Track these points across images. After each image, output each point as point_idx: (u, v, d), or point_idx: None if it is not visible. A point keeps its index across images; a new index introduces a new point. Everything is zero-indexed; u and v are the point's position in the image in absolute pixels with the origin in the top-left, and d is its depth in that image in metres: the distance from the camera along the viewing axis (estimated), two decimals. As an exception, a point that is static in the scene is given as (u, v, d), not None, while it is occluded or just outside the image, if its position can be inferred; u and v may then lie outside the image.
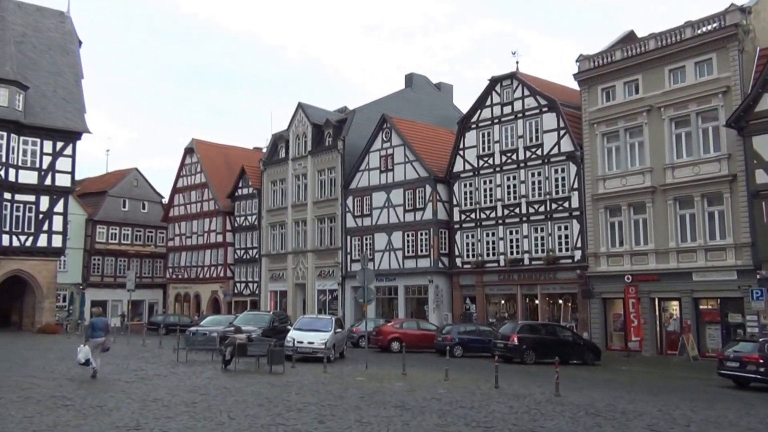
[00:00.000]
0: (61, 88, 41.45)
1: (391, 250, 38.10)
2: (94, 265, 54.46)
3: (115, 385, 15.24)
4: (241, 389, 15.11)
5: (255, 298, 47.25)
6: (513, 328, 26.80)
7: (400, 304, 37.75)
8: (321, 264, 42.50)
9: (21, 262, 38.15)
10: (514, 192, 33.63)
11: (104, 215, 55.29)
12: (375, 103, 43.39)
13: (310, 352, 22.74)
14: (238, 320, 27.40)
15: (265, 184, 47.38)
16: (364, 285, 22.28)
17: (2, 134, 36.81)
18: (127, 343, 29.76)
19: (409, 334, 30.19)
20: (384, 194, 38.93)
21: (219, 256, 50.96)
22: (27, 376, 16.64)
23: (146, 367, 19.78)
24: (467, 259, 35.47)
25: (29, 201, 38.33)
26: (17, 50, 39.66)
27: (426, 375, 19.42)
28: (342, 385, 16.53)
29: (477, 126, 35.62)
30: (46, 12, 44.55)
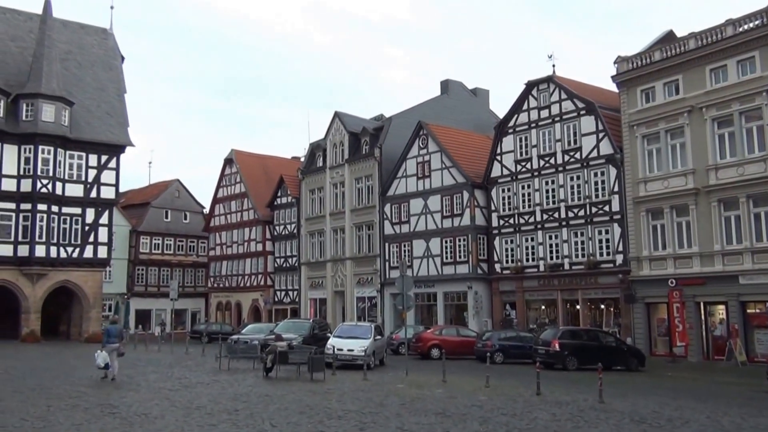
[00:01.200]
0: (105, 103, 42.56)
1: (430, 257, 38.04)
2: (138, 275, 55.57)
3: (160, 393, 15.53)
4: (282, 397, 15.25)
5: (295, 306, 47.62)
6: (554, 333, 26.48)
7: (440, 311, 37.64)
8: (359, 271, 42.64)
9: (68, 273, 39.18)
10: (552, 196, 33.31)
11: (147, 226, 56.40)
12: (411, 110, 43.45)
13: (350, 360, 22.79)
14: (279, 328, 27.65)
15: (304, 193, 47.78)
16: (403, 292, 22.29)
17: (50, 149, 37.97)
18: (170, 352, 30.28)
19: (448, 340, 30.06)
20: (421, 201, 38.92)
21: (259, 265, 51.53)
22: (75, 384, 17.06)
23: (189, 375, 20.09)
24: (506, 265, 35.21)
25: (76, 213, 39.39)
26: (62, 67, 40.84)
27: (466, 382, 19.31)
28: (382, 392, 16.55)
29: (514, 130, 35.40)
30: (90, 29, 45.83)
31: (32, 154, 37.54)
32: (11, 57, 40.17)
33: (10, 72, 38.91)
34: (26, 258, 37.24)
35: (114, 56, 45.58)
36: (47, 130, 37.67)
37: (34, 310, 37.88)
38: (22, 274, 37.60)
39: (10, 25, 41.67)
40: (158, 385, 17.25)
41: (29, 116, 37.63)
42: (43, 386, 16.45)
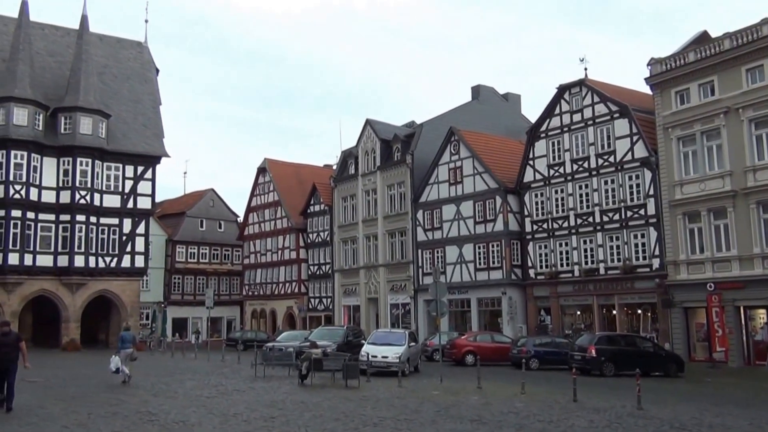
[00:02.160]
0: (141, 115, 43.42)
1: (463, 263, 37.90)
2: (174, 284, 56.33)
3: (197, 400, 15.73)
4: (317, 404, 15.32)
5: (329, 313, 47.81)
6: (590, 339, 26.15)
7: (474, 317, 37.46)
8: (393, 278, 42.66)
9: (107, 283, 39.96)
10: (586, 201, 32.97)
11: (183, 235, 57.18)
12: (442, 116, 43.42)
13: (384, 366, 22.79)
14: (313, 335, 27.81)
15: (336, 201, 48.01)
16: (436, 298, 22.25)
17: (87, 161, 38.84)
18: (207, 360, 30.65)
19: (483, 346, 29.88)
20: (454, 207, 38.83)
21: (293, 273, 51.88)
22: (114, 392, 17.37)
23: (226, 382, 20.31)
24: (540, 270, 34.92)
25: (113, 224, 40.19)
26: (99, 80, 41.78)
27: (502, 388, 19.18)
28: (417, 399, 16.53)
29: (546, 135, 35.15)
30: (126, 43, 46.83)
31: (71, 166, 38.46)
32: (50, 71, 41.22)
33: (48, 86, 39.93)
34: (66, 268, 38.09)
35: (149, 69, 46.49)
36: (85, 143, 38.57)
37: (74, 320, 38.69)
38: (62, 284, 38.45)
39: (48, 41, 42.77)
40: (195, 392, 17.48)
41: (68, 129, 38.56)
42: (83, 394, 16.78)
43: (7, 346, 13.26)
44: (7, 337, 13.48)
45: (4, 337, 13.48)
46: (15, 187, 36.55)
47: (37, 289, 37.90)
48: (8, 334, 13.66)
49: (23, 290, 37.36)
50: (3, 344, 13.27)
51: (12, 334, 13.83)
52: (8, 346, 13.29)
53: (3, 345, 13.25)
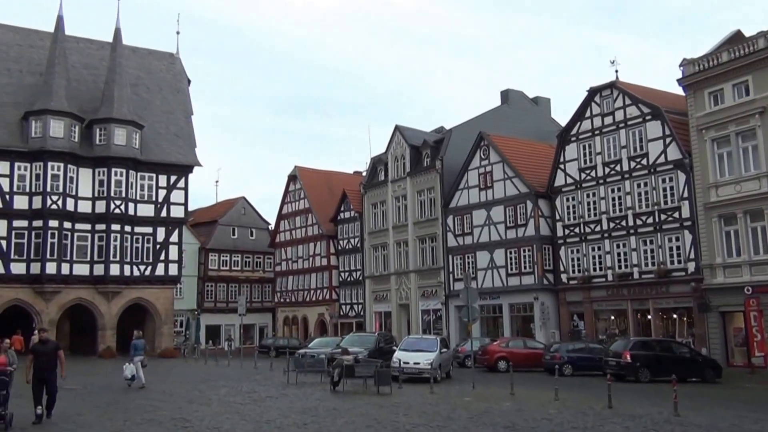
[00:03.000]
0: (173, 125, 44.09)
1: (494, 268, 37.68)
2: (207, 291, 56.93)
3: (231, 407, 15.86)
4: (349, 410, 15.34)
5: (360, 320, 47.87)
6: (625, 344, 25.77)
7: (506, 323, 37.19)
8: (424, 284, 42.58)
9: (141, 291, 40.57)
10: (619, 204, 32.56)
11: (215, 243, 57.79)
12: (471, 121, 43.28)
13: (416, 373, 22.74)
14: (345, 342, 27.85)
15: (366, 207, 48.11)
16: (468, 304, 22.14)
17: (122, 171, 39.53)
18: (240, 366, 30.89)
19: (515, 352, 29.65)
20: (484, 212, 38.65)
21: (324, 279, 52.08)
22: (149, 399, 17.60)
23: (258, 389, 20.45)
24: (573, 275, 34.55)
25: (147, 233, 40.80)
26: (133, 92, 42.54)
27: (535, 395, 19.01)
28: (449, 405, 16.46)
29: (577, 138, 34.83)
30: (158, 55, 47.63)
31: (106, 177, 39.19)
32: (85, 84, 42.09)
33: (83, 99, 40.78)
34: (101, 277, 38.77)
35: (181, 80, 47.21)
36: (119, 153, 39.29)
37: (110, 327, 39.34)
38: (98, 292, 39.14)
39: (83, 54, 43.69)
40: (229, 399, 17.63)
41: (102, 140, 39.32)
42: (119, 401, 17.05)
43: (46, 355, 13.16)
44: (46, 346, 13.40)
45: (42, 345, 13.42)
46: (52, 197, 37.36)
47: (74, 297, 38.63)
48: (47, 342, 13.58)
49: (61, 299, 38.12)
50: (42, 353, 13.19)
51: (51, 343, 13.73)
52: (47, 354, 13.19)
53: (42, 353, 13.17)
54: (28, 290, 37.22)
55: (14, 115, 38.41)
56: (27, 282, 37.09)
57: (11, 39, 41.96)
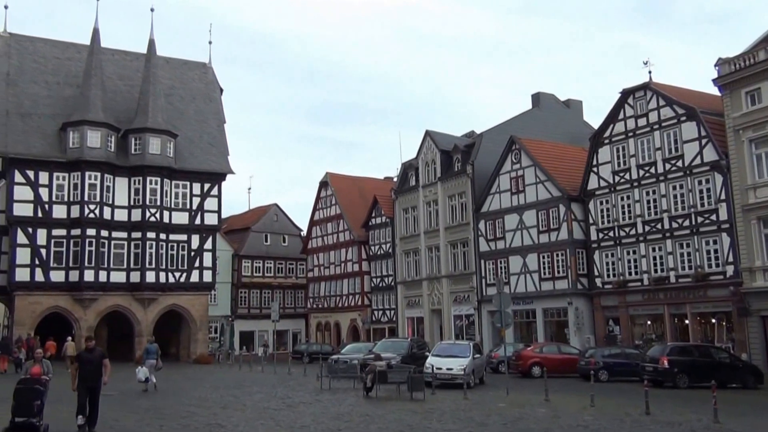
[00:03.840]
0: (206, 134, 44.72)
1: (527, 273, 37.35)
2: (241, 298, 57.45)
3: (265, 413, 15.97)
4: (383, 416, 15.33)
5: (392, 325, 47.83)
6: (662, 350, 25.34)
7: (539, 328, 36.82)
8: (456, 289, 42.39)
9: (176, 297, 41.12)
10: (654, 207, 32.04)
11: (248, 250, 58.31)
12: (502, 125, 43.03)
13: (449, 379, 22.64)
14: (377, 347, 27.85)
15: (398, 213, 48.11)
16: (500, 309, 22.00)
17: (157, 179, 40.22)
18: (273, 372, 31.10)
19: (550, 358, 29.34)
20: (516, 216, 38.36)
21: (356, 285, 52.18)
22: (185, 404, 17.80)
23: (292, 394, 20.55)
24: (608, 279, 34.07)
25: (182, 240, 41.38)
26: (167, 102, 43.27)
27: (570, 401, 18.79)
28: (483, 411, 16.35)
29: (610, 141, 34.39)
30: (191, 65, 48.37)
31: (141, 185, 39.89)
32: (120, 95, 42.91)
33: (119, 109, 41.57)
34: (138, 284, 39.41)
35: (213, 89, 47.85)
36: (154, 162, 39.96)
37: (147, 333, 39.82)
38: (135, 299, 39.79)
39: (118, 66, 44.55)
40: (263, 404, 17.75)
41: (137, 150, 40.03)
42: (155, 407, 17.26)
43: (92, 363, 12.79)
44: (92, 354, 13.01)
45: (89, 353, 13.02)
46: (90, 206, 38.12)
47: (112, 304, 39.32)
48: (93, 350, 13.17)
49: (98, 306, 38.82)
50: (88, 361, 12.83)
51: (97, 351, 13.29)
52: (93, 363, 12.81)
53: (88, 362, 12.81)
54: (67, 297, 38.00)
55: (53, 127, 39.33)
56: (66, 289, 37.85)
57: (49, 52, 42.98)
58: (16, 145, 37.68)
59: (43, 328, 36.86)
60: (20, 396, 11.83)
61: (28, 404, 11.70)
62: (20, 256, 37.18)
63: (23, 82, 40.57)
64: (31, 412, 11.66)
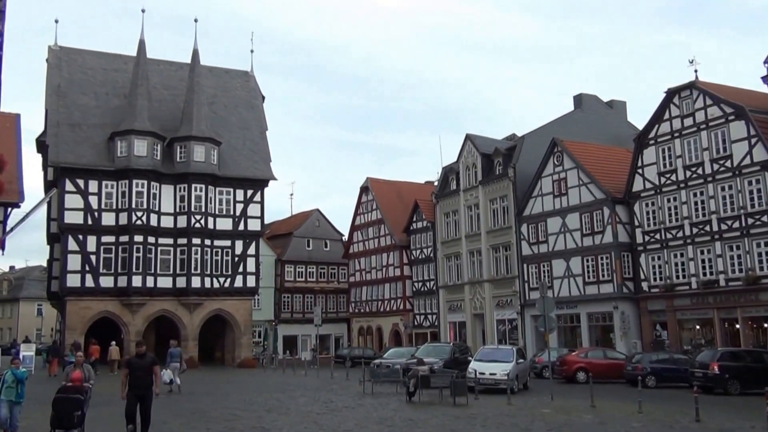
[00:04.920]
0: (249, 141, 45.36)
1: (571, 277, 36.84)
2: (284, 302, 57.98)
3: (308, 417, 16.08)
4: (426, 421, 15.30)
5: (434, 330, 47.67)
6: (712, 355, 24.66)
7: (584, 332, 36.26)
8: (498, 293, 42.05)
9: (221, 302, 41.74)
10: (702, 209, 31.28)
11: (291, 255, 58.84)
12: (544, 127, 42.58)
13: (492, 384, 22.47)
14: (420, 352, 27.78)
15: (438, 217, 47.98)
16: (544, 313, 21.76)
17: (201, 186, 40.94)
18: (316, 376, 31.29)
19: (595, 363, 28.85)
20: (559, 219, 37.89)
21: (398, 290, 52.18)
22: (230, 408, 18.05)
23: (335, 398, 20.65)
24: (654, 283, 33.37)
25: (226, 246, 42.00)
26: (210, 110, 44.04)
27: (617, 407, 18.45)
28: (527, 417, 16.18)
29: (656, 141, 33.73)
30: (233, 73, 49.15)
31: (186, 192, 40.66)
32: (165, 104, 43.82)
33: (165, 118, 42.46)
34: (184, 289, 40.12)
35: (255, 96, 48.51)
36: (199, 170, 40.68)
37: (192, 338, 40.61)
38: (181, 304, 40.50)
39: (163, 76, 45.51)
40: (306, 408, 17.88)
41: (183, 157, 40.83)
42: (201, 410, 17.55)
43: (142, 370, 12.22)
44: (143, 360, 12.43)
45: (139, 359, 12.45)
46: (137, 213, 38.99)
47: (159, 309, 40.11)
48: (144, 356, 12.56)
49: (146, 310, 39.64)
50: (139, 367, 12.24)
51: (148, 357, 12.68)
52: (144, 369, 12.25)
53: (138, 368, 12.22)
54: (116, 302, 38.90)
55: (101, 136, 40.36)
56: (115, 295, 38.77)
57: (98, 64, 44.16)
58: (67, 155, 38.79)
59: (93, 333, 37.79)
60: (60, 406, 11.39)
61: (68, 415, 11.27)
62: (71, 263, 38.23)
63: (73, 93, 41.74)
64: (71, 424, 11.26)
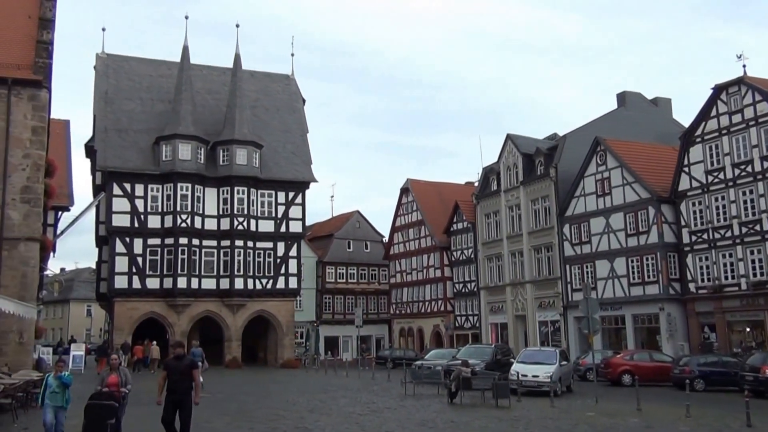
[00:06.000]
0: (290, 144, 45.82)
1: (615, 278, 36.23)
2: (325, 303, 58.36)
3: (350, 418, 16.16)
4: (468, 423, 15.23)
5: (476, 331, 47.42)
6: (764, 358, 23.94)
7: (629, 334, 35.61)
8: (540, 295, 41.60)
9: (263, 303, 42.24)
10: (752, 207, 30.43)
11: (332, 256, 59.19)
12: (586, 126, 41.98)
13: (535, 386, 22.27)
14: (461, 353, 27.70)
15: (479, 218, 47.71)
16: (588, 315, 21.47)
17: (243, 189, 41.52)
18: (358, 377, 31.40)
19: (641, 366, 28.32)
20: (603, 219, 37.30)
21: (438, 291, 52.05)
22: (273, 408, 18.25)
23: (377, 400, 20.70)
24: (702, 284, 32.59)
25: (268, 248, 42.51)
26: (252, 114, 44.62)
27: (664, 411, 18.10)
28: (571, 420, 15.98)
29: (702, 139, 32.96)
30: (274, 77, 49.71)
31: (229, 195, 41.27)
32: (208, 109, 44.55)
33: (208, 122, 43.17)
34: (227, 290, 40.71)
35: (296, 100, 48.98)
36: (241, 173, 41.27)
37: (236, 338, 41.17)
38: (224, 305, 41.10)
39: (206, 81, 46.28)
40: (348, 409, 17.97)
41: (225, 161, 41.46)
42: (245, 409, 17.78)
43: (180, 373, 11.02)
44: (180, 362, 11.24)
45: (177, 361, 11.26)
46: (182, 216, 39.73)
47: (203, 310, 40.76)
48: (182, 358, 11.41)
49: (191, 311, 40.33)
50: (176, 370, 11.06)
51: (186, 359, 11.55)
52: (181, 373, 11.04)
53: (175, 371, 11.05)
54: (162, 303, 39.68)
55: (147, 141, 41.25)
56: (161, 296, 39.54)
57: (143, 70, 45.15)
58: (114, 160, 39.73)
59: (141, 333, 38.64)
60: (92, 413, 10.64)
61: (100, 423, 10.54)
62: (119, 265, 39.14)
63: (120, 99, 42.76)
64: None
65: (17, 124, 22.65)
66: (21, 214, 22.17)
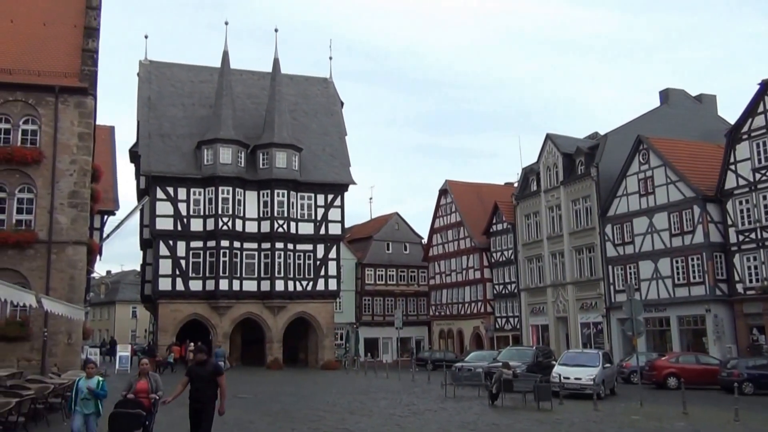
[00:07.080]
0: (329, 146, 46.13)
1: (659, 279, 35.53)
2: (365, 305, 58.50)
3: (391, 419, 16.18)
4: (509, 426, 15.12)
5: (516, 333, 47.02)
6: (815, 361, 23.30)
7: (674, 336, 34.87)
8: (582, 296, 41.03)
9: (304, 305, 42.58)
10: (802, 206, 29.55)
11: (371, 258, 59.31)
12: (628, 125, 41.27)
13: (577, 389, 21.98)
14: (502, 355, 27.51)
15: (519, 218, 47.30)
16: (632, 317, 21.13)
17: (283, 192, 41.95)
18: (398, 379, 31.41)
19: (687, 368, 27.73)
20: (646, 219, 36.62)
21: (478, 292, 51.75)
22: (314, 409, 18.38)
23: (417, 401, 20.69)
24: (750, 285, 31.75)
25: (307, 250, 42.86)
26: (291, 117, 45.04)
27: (711, 414, 17.70)
28: (616, 423, 15.75)
29: (749, 136, 32.12)
30: (313, 80, 50.11)
31: (269, 198, 41.73)
32: (248, 113, 45.12)
33: (248, 126, 43.73)
34: (268, 292, 41.14)
35: (334, 102, 49.28)
36: (281, 176, 41.71)
37: (277, 340, 41.58)
38: (265, 306, 41.55)
39: (246, 85, 46.89)
40: (389, 411, 17.99)
41: (265, 164, 41.95)
42: (286, 410, 17.95)
43: (202, 380, 10.17)
44: (203, 368, 10.37)
45: (199, 367, 10.42)
46: (223, 219, 40.31)
47: (244, 312, 41.26)
48: (204, 363, 10.50)
49: (232, 313, 40.86)
50: (198, 376, 10.23)
51: (210, 365, 10.61)
52: (204, 380, 10.18)
53: (198, 377, 10.22)
54: (204, 305, 40.29)
55: (189, 146, 41.97)
56: (203, 298, 40.16)
57: (185, 76, 45.97)
58: (158, 164, 40.53)
59: (184, 335, 39.29)
60: (116, 423, 9.94)
61: None
62: (163, 267, 39.88)
63: (162, 105, 43.61)
64: None
65: (64, 131, 23.33)
66: (69, 218, 22.80)
